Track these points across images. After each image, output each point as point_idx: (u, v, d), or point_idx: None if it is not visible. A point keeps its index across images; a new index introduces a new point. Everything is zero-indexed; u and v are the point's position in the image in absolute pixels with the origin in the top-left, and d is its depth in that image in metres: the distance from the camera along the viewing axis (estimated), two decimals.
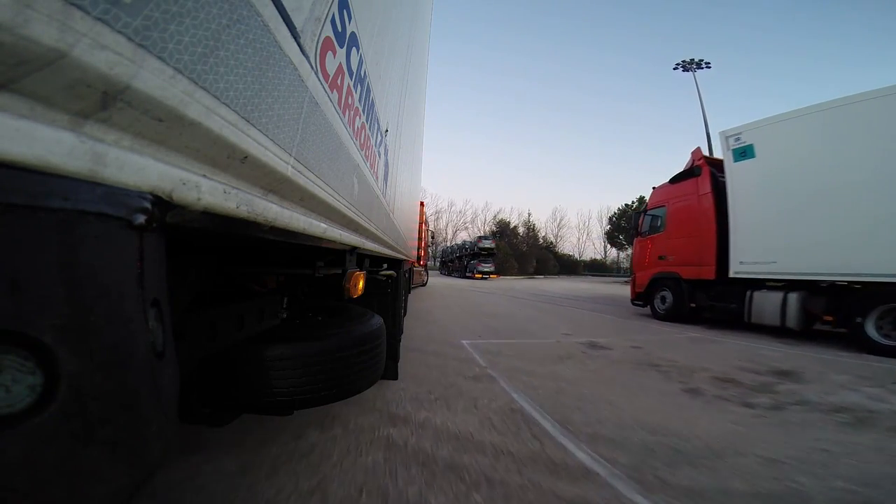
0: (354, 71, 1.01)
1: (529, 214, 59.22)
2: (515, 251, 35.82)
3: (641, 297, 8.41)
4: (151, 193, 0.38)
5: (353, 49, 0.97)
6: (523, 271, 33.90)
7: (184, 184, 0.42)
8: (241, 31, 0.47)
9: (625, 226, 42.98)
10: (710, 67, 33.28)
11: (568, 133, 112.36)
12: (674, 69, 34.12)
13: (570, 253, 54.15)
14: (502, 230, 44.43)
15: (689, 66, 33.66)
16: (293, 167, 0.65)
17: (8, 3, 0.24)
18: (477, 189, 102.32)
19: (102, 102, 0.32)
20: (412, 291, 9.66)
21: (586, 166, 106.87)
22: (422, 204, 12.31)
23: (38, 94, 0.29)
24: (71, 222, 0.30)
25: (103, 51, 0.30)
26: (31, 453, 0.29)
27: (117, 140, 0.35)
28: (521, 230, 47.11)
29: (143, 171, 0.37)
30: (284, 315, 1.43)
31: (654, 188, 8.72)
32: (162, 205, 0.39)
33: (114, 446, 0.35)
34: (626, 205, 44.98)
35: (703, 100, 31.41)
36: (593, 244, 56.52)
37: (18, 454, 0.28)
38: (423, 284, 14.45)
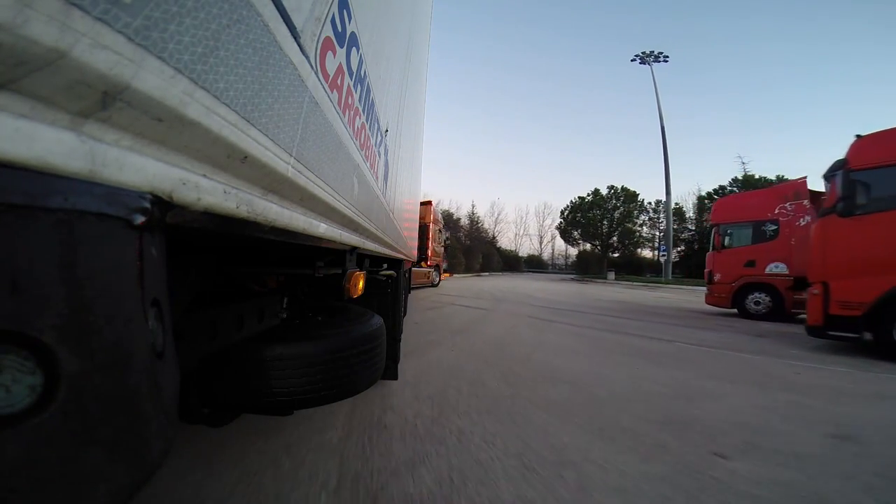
0: (354, 71, 1.01)
1: (473, 206, 56.42)
2: (462, 246, 33.95)
3: (851, 324, 4.51)
4: (151, 193, 0.38)
5: (353, 49, 0.97)
6: (469, 268, 32.37)
7: (184, 184, 0.42)
8: (241, 31, 0.47)
9: (581, 220, 42.75)
10: (667, 61, 33.41)
11: (504, 126, 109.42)
12: (631, 61, 34.08)
13: (511, 248, 53.07)
14: (445, 222, 42.14)
15: (646, 58, 33.46)
16: (293, 167, 0.65)
17: (8, 3, 0.24)
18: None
19: (102, 102, 0.32)
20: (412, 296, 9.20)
21: (522, 162, 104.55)
22: (430, 203, 12.19)
23: (38, 94, 0.29)
24: (71, 222, 0.30)
25: (103, 51, 0.30)
26: (31, 453, 0.29)
27: (117, 140, 0.35)
28: (464, 223, 44.04)
29: (143, 171, 0.37)
30: (284, 315, 1.43)
31: (858, 137, 4.89)
32: (162, 205, 0.39)
33: (114, 446, 0.35)
34: (580, 198, 43.79)
35: (660, 94, 31.94)
36: (530, 239, 56.24)
37: (18, 454, 0.28)
38: (434, 285, 13.48)
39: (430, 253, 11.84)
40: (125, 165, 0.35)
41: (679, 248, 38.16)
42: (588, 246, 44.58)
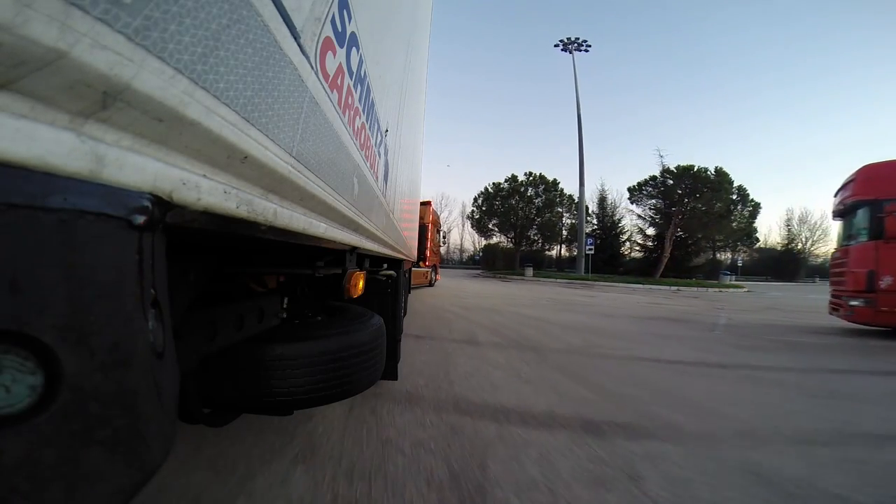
0: (354, 71, 1.01)
1: None
2: None
3: None
4: (151, 193, 0.38)
5: (353, 49, 0.97)
6: None
7: (184, 184, 0.42)
8: (241, 31, 0.47)
9: (498, 209, 37.16)
10: (588, 50, 32.01)
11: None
12: (555, 46, 32.41)
13: None
14: None
15: (567, 45, 31.77)
16: (293, 167, 0.65)
17: (8, 3, 0.24)
18: None
19: (102, 102, 0.32)
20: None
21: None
22: (429, 203, 12.18)
23: (38, 94, 0.29)
24: (71, 222, 0.30)
25: (103, 51, 0.30)
26: (31, 453, 0.29)
27: (117, 140, 0.35)
28: None
29: (143, 171, 0.37)
30: (284, 315, 1.43)
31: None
32: (162, 205, 0.39)
33: (114, 446, 0.35)
34: (496, 184, 38.53)
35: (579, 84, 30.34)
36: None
37: (18, 454, 0.28)
38: (431, 284, 13.52)
39: (428, 253, 11.81)
40: (125, 165, 0.35)
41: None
42: (502, 238, 40.39)
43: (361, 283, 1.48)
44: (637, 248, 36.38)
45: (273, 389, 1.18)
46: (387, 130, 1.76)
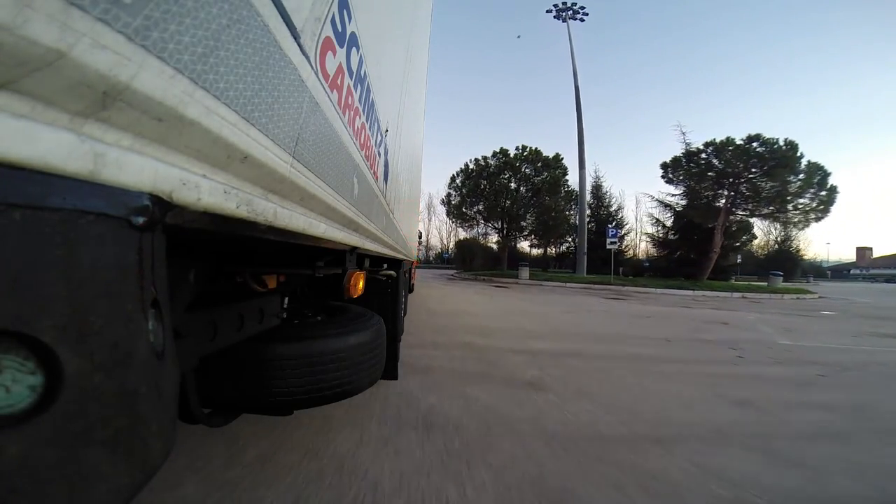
0: (354, 71, 1.01)
1: None
2: None
3: None
4: (151, 194, 0.38)
5: (353, 49, 0.97)
6: None
7: (184, 184, 0.42)
8: (241, 31, 0.47)
9: (485, 190, 27.69)
10: (584, 20, 29.06)
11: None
12: (547, 12, 29.20)
13: None
14: None
15: (561, 11, 28.74)
16: (293, 167, 0.65)
17: (8, 3, 0.24)
18: None
19: (102, 102, 0.32)
20: None
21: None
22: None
23: (38, 94, 0.29)
24: (71, 222, 0.30)
25: (103, 51, 0.30)
26: (31, 453, 0.29)
27: (117, 140, 0.35)
28: None
29: (143, 171, 0.37)
30: (284, 315, 1.43)
31: None
32: (162, 205, 0.39)
33: (114, 446, 0.35)
34: (480, 160, 28.86)
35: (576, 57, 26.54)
36: None
37: (18, 454, 0.28)
38: (411, 290, 12.75)
39: (415, 254, 11.79)
40: (125, 165, 0.35)
41: (573, 237, 29.74)
42: (486, 229, 30.86)
43: (361, 283, 1.48)
44: (656, 243, 28.16)
45: (273, 389, 1.18)
46: (387, 130, 1.76)
